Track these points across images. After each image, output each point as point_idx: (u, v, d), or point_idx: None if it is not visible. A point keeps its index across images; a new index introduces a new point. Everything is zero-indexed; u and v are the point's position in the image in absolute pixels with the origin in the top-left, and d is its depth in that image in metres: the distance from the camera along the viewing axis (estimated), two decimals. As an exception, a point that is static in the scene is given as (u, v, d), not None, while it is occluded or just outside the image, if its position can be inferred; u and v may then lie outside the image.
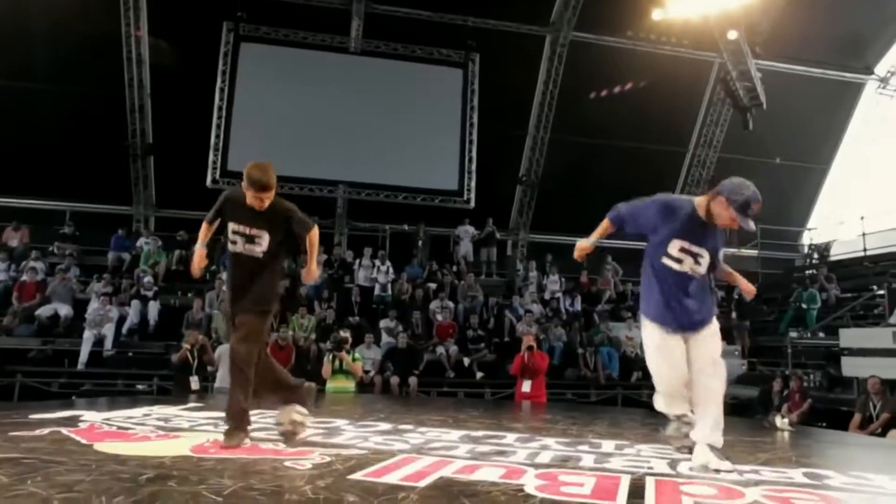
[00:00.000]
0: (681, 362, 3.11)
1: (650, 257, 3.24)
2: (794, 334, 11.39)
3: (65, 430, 3.45)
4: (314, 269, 3.65)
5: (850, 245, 16.35)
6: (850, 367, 8.74)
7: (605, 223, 3.38)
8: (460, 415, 5.05)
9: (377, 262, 12.52)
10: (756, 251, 16.49)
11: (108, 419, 3.95)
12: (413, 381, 9.25)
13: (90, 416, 4.02)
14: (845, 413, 7.60)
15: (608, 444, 3.66)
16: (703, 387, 3.10)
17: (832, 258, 16.62)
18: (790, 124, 16.49)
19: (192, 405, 5.04)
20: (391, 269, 12.49)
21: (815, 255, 17.22)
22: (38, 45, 13.27)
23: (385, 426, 4.13)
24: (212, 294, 10.67)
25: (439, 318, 11.21)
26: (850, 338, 9.17)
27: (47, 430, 3.43)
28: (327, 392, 7.19)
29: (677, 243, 3.11)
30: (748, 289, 3.62)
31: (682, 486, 2.55)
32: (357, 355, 7.98)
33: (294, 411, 3.44)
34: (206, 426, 3.85)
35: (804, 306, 12.09)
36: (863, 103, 17.49)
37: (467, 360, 10.46)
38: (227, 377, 6.91)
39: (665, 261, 3.14)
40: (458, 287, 12.52)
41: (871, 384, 7.06)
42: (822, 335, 11.09)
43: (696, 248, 3.10)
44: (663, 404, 3.19)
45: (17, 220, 12.61)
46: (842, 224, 17.02)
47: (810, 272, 14.30)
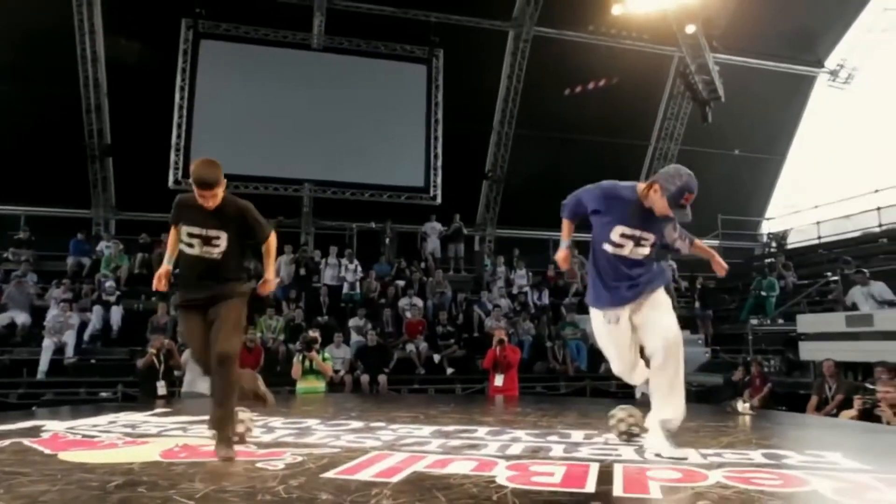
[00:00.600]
0: (626, 349, 3.30)
1: (594, 243, 3.28)
2: (754, 321, 11.72)
3: (26, 441, 3.36)
4: (271, 279, 3.47)
5: (806, 233, 16.92)
6: (807, 351, 9.05)
7: (564, 222, 3.46)
8: (431, 411, 5.08)
9: (345, 260, 12.46)
10: (717, 241, 16.91)
11: (71, 428, 3.87)
12: (383, 379, 9.25)
13: (53, 426, 3.92)
14: (803, 396, 7.86)
15: (577, 434, 3.74)
16: (654, 368, 3.18)
17: (789, 246, 17.13)
18: (748, 116, 16.95)
19: (159, 411, 4.97)
20: (359, 268, 12.44)
21: (773, 244, 17.73)
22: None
23: (356, 424, 4.14)
24: (175, 298, 10.46)
25: (408, 315, 11.21)
26: (806, 323, 9.48)
27: (8, 442, 3.33)
28: (298, 393, 7.15)
29: (619, 229, 3.13)
30: (720, 265, 3.53)
31: (648, 472, 2.62)
32: (327, 355, 7.95)
33: (239, 413, 3.33)
34: (174, 431, 3.80)
35: (763, 294, 12.43)
36: (815, 95, 18.08)
37: (437, 357, 10.49)
38: (195, 382, 6.87)
39: (606, 246, 3.19)
40: (426, 284, 12.54)
41: (826, 367, 7.32)
42: (781, 321, 11.43)
43: (638, 233, 3.13)
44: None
45: (-32, 226, 12.20)
46: (797, 213, 17.58)
47: (769, 260, 14.71)
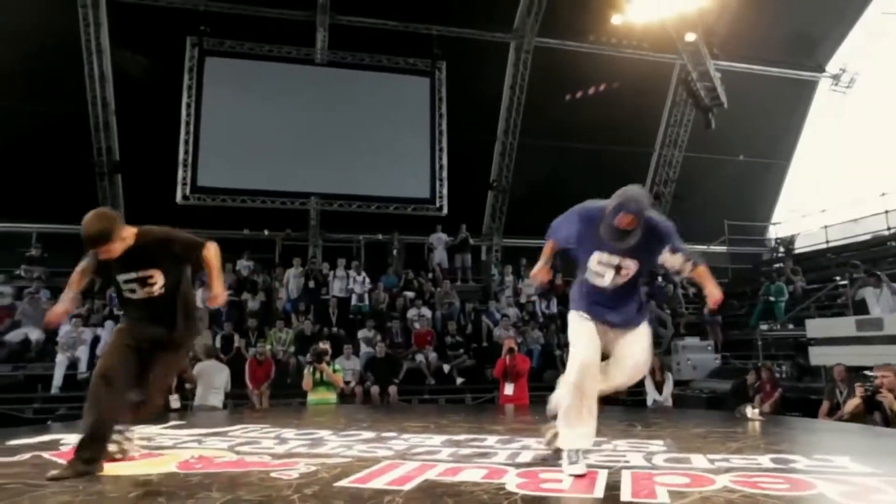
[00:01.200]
0: (596, 343, 2.98)
1: (579, 269, 3.11)
2: (764, 327, 11.70)
3: (46, 454, 3.44)
4: (218, 292, 3.28)
5: (813, 237, 16.89)
6: (817, 356, 9.02)
7: (548, 243, 3.20)
8: (442, 420, 5.12)
9: (352, 272, 12.54)
10: (724, 247, 16.91)
11: (89, 442, 3.93)
12: (393, 389, 9.28)
13: (71, 440, 3.98)
14: (815, 401, 7.82)
15: (586, 442, 3.76)
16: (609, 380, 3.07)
17: (797, 251, 17.10)
18: (751, 122, 16.97)
19: (173, 423, 5.03)
20: (367, 279, 12.52)
21: (781, 249, 17.69)
22: (-3, 64, 13.04)
23: (368, 434, 4.19)
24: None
25: (417, 326, 11.26)
26: (816, 328, 9.46)
27: (28, 455, 3.41)
28: (309, 404, 7.21)
29: (596, 256, 2.92)
30: (714, 296, 3.11)
31: (656, 477, 2.66)
32: (337, 366, 8.00)
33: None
34: (190, 443, 3.86)
35: (772, 299, 12.41)
36: (818, 100, 18.10)
37: (447, 367, 10.53)
38: (206, 395, 6.95)
39: (588, 276, 3.00)
40: (434, 294, 12.59)
41: (837, 372, 7.30)
42: (790, 327, 11.40)
43: (616, 259, 2.89)
44: (566, 419, 2.93)
45: (-20, 244, 12.36)
46: (804, 217, 17.55)
47: (777, 265, 14.69)
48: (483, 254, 16.24)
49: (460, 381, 10.39)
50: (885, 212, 14.30)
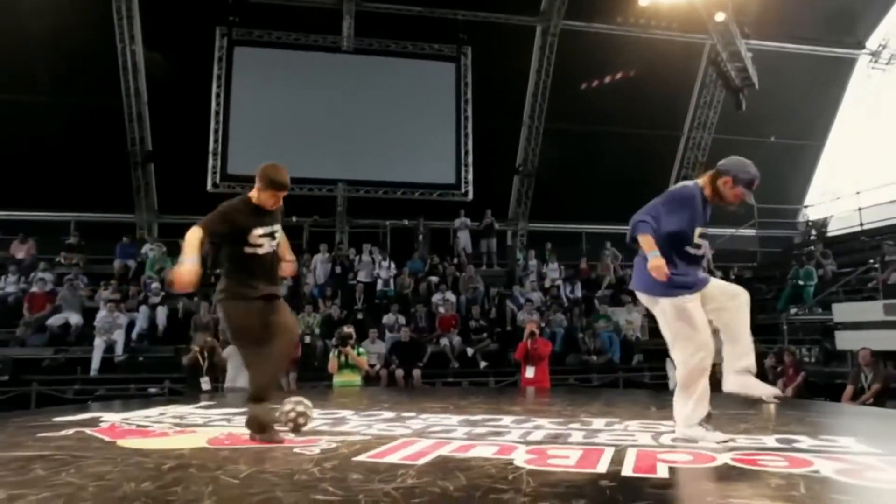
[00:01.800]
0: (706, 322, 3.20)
1: (669, 247, 3.20)
2: (792, 311, 11.57)
3: (88, 430, 3.68)
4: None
5: (847, 220, 16.52)
6: (844, 340, 8.93)
7: (648, 238, 3.15)
8: (462, 402, 5.26)
9: (378, 257, 12.74)
10: (754, 231, 16.67)
11: (126, 419, 4.19)
12: (417, 373, 9.48)
13: (109, 417, 4.25)
14: (840, 386, 7.79)
15: (599, 422, 3.87)
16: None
17: (830, 234, 16.77)
18: (783, 102, 16.60)
19: (204, 404, 5.27)
20: (393, 265, 12.71)
21: (813, 232, 17.37)
22: (36, 58, 13.45)
23: (388, 414, 4.35)
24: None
25: (441, 310, 11.43)
26: (843, 312, 9.35)
27: (72, 431, 3.66)
28: (334, 386, 7.42)
29: (698, 230, 3.27)
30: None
31: (660, 455, 2.76)
32: (362, 350, 8.19)
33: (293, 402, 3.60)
34: (219, 422, 4.08)
35: (801, 283, 12.25)
36: (855, 78, 17.59)
37: (470, 351, 10.69)
38: (237, 377, 7.20)
39: (688, 249, 3.26)
40: (459, 279, 12.73)
41: (862, 356, 7.26)
42: (819, 311, 11.26)
43: (704, 229, 3.34)
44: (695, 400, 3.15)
45: (22, 233, 12.85)
46: (838, 199, 17.17)
47: (808, 249, 14.45)
48: (508, 238, 16.30)
49: (484, 364, 10.54)
50: (922, 194, 13.95)
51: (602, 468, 2.51)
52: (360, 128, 14.83)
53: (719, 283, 3.37)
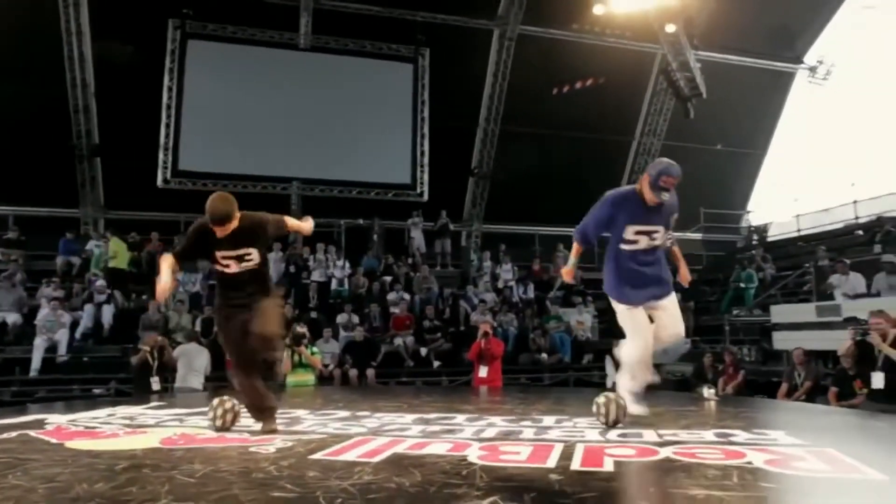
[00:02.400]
0: (646, 327, 3.71)
1: (611, 247, 3.68)
2: (734, 313, 12.06)
3: (32, 433, 3.58)
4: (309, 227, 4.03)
5: (786, 226, 17.34)
6: (780, 340, 9.38)
7: (575, 245, 3.85)
8: (415, 401, 5.33)
9: (332, 257, 12.67)
10: (700, 234, 17.28)
11: (73, 420, 4.09)
12: (371, 372, 9.49)
13: (55, 419, 4.14)
14: (777, 384, 8.18)
15: (549, 419, 4.00)
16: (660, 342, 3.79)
17: (770, 239, 17.53)
18: (729, 112, 17.28)
19: (154, 404, 5.18)
20: (347, 264, 12.67)
21: (755, 237, 18.11)
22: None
23: (343, 413, 4.38)
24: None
25: (396, 310, 11.45)
26: (779, 313, 9.82)
27: (15, 434, 3.55)
28: (287, 386, 7.37)
29: (631, 228, 3.54)
30: (684, 276, 4.14)
31: (606, 450, 2.89)
32: (315, 349, 8.17)
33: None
34: (171, 422, 4.03)
35: (742, 286, 12.78)
36: (794, 91, 18.46)
37: (424, 350, 10.75)
38: (187, 377, 7.09)
39: (623, 246, 3.59)
40: (413, 279, 12.78)
41: (796, 355, 7.64)
42: (758, 312, 11.77)
43: (647, 227, 3.57)
44: (632, 377, 3.77)
45: (-43, 227, 12.29)
46: (778, 206, 17.98)
47: (749, 253, 15.07)
48: (462, 239, 16.45)
49: (437, 364, 10.62)
50: (854, 202, 14.73)
51: (552, 463, 2.62)
52: (315, 126, 14.73)
53: (672, 315, 3.79)
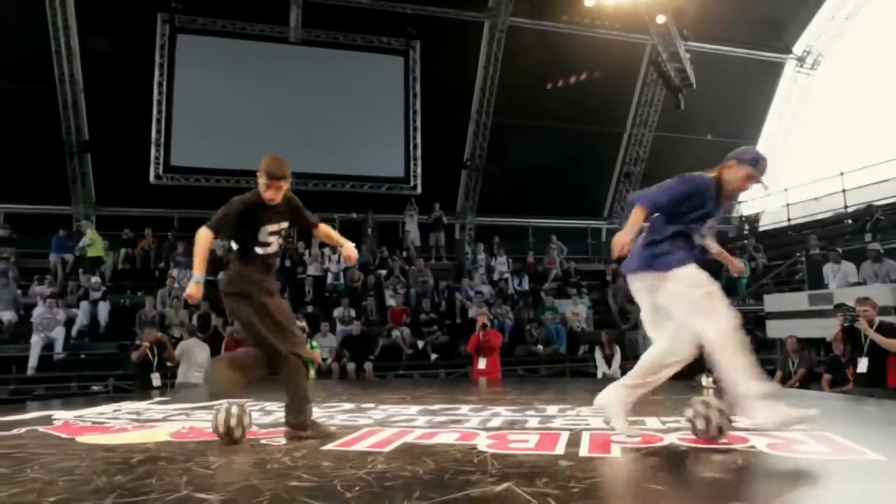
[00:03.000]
0: None
1: (674, 233, 3.09)
2: (728, 302, 12.18)
3: (41, 428, 3.60)
4: (349, 249, 3.94)
5: (777, 215, 17.50)
6: (774, 329, 9.50)
7: (639, 213, 3.01)
8: (417, 392, 5.38)
9: (328, 251, 12.69)
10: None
11: (80, 416, 4.11)
12: (369, 366, 9.54)
13: (61, 415, 4.15)
14: (770, 372, 8.29)
15: (552, 409, 4.06)
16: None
17: (761, 228, 17.69)
18: (719, 102, 17.39)
19: (157, 400, 5.20)
20: (342, 258, 12.67)
21: (746, 226, 18.27)
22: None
23: (348, 406, 4.43)
24: (163, 292, 10.65)
25: (392, 303, 11.50)
26: (773, 303, 9.94)
27: (24, 430, 3.56)
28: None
29: (710, 221, 3.15)
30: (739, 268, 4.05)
31: (612, 437, 2.95)
32: (314, 344, 8.21)
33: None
34: (178, 416, 4.06)
35: (735, 276, 12.89)
36: (784, 81, 18.58)
37: (421, 343, 10.81)
38: (188, 372, 7.11)
39: (693, 240, 3.13)
40: (408, 272, 12.82)
41: (789, 343, 7.77)
42: (751, 302, 11.90)
43: (714, 223, 3.20)
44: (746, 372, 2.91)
45: (-52, 225, 12.20)
46: (769, 196, 18.11)
47: (741, 243, 15.22)
48: (457, 232, 16.49)
49: (434, 356, 10.68)
50: (843, 190, 14.89)
51: (560, 450, 2.67)
52: (307, 120, 14.69)
53: None
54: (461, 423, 3.51)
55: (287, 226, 3.51)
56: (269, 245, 3.38)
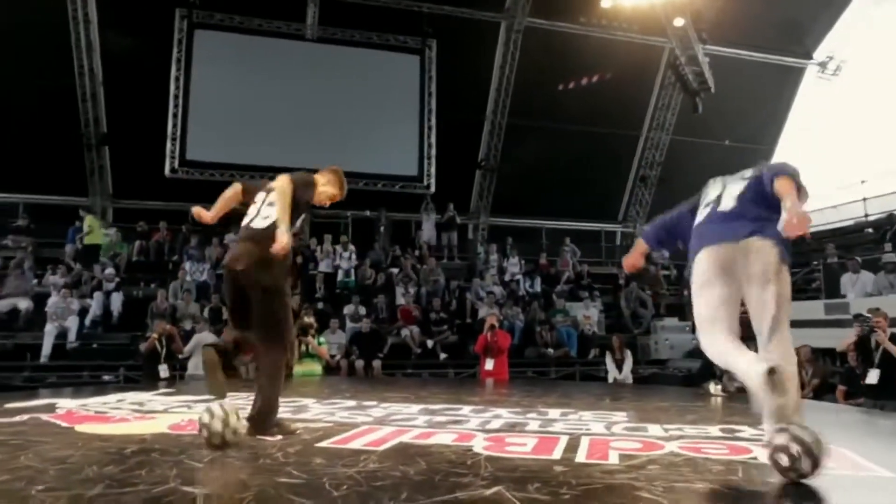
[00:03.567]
0: None
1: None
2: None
3: (44, 416, 3.63)
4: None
5: (794, 223, 17.21)
6: (788, 338, 9.34)
7: (641, 243, 3.11)
8: (422, 392, 5.36)
9: (339, 248, 12.71)
10: (707, 231, 17.19)
11: (84, 405, 4.14)
12: (377, 363, 9.52)
13: (65, 404, 4.19)
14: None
15: (555, 412, 4.01)
16: None
17: (778, 235, 17.42)
18: (738, 107, 17.17)
19: (163, 391, 5.23)
20: (354, 255, 12.70)
21: (763, 233, 18.00)
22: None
23: (350, 403, 4.41)
24: (175, 284, 10.72)
25: (402, 302, 11.48)
26: (787, 311, 9.77)
27: (27, 417, 3.60)
28: (295, 376, 7.41)
29: None
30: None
31: (612, 443, 2.90)
32: (322, 339, 8.21)
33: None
34: (179, 408, 4.07)
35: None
36: (804, 86, 18.31)
37: (430, 342, 10.77)
38: (199, 365, 7.14)
39: None
40: (420, 271, 12.80)
41: (803, 353, 7.60)
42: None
43: None
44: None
45: (-32, 214, 12.40)
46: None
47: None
48: (469, 232, 16.45)
49: (443, 356, 10.64)
50: (864, 199, 14.64)
51: (557, 455, 2.63)
52: (322, 117, 14.73)
53: None
54: (460, 424, 3.47)
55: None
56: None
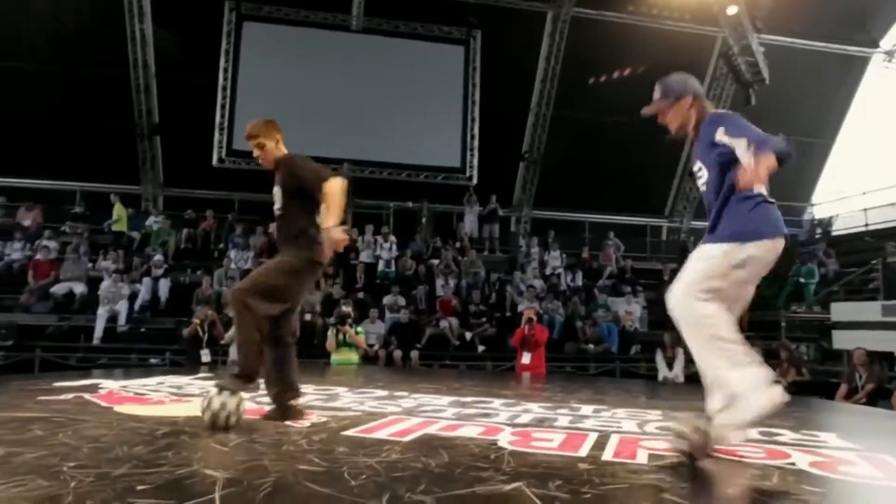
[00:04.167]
0: None
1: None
2: (792, 308, 11.60)
3: (87, 396, 3.77)
4: (328, 225, 3.07)
5: (853, 220, 16.51)
6: (841, 340, 8.97)
7: (771, 159, 2.29)
8: (455, 384, 5.34)
9: (381, 238, 12.79)
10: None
11: (125, 386, 4.27)
12: (415, 354, 9.56)
13: (108, 384, 4.34)
14: (836, 385, 7.84)
15: (587, 409, 3.93)
16: None
17: (835, 233, 16.74)
18: (794, 99, 16.50)
19: (202, 375, 5.36)
20: (395, 246, 12.76)
21: (818, 230, 17.34)
22: (43, 27, 13.50)
23: (381, 393, 4.43)
24: (220, 272, 10.99)
25: (442, 293, 11.48)
26: (841, 311, 9.39)
27: (71, 395, 3.75)
28: (332, 364, 7.52)
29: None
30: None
31: (642, 442, 2.81)
32: (360, 329, 8.29)
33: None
34: (215, 393, 4.14)
35: (802, 281, 12.28)
36: (868, 77, 17.45)
37: (469, 335, 10.75)
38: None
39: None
40: (460, 263, 12.77)
41: (857, 356, 7.30)
42: (817, 309, 11.29)
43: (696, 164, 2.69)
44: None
45: (29, 201, 12.95)
46: (844, 199, 17.11)
47: (811, 247, 14.45)
48: (511, 225, 16.33)
49: (482, 348, 10.61)
50: (928, 196, 13.90)
51: (583, 452, 2.57)
52: (366, 108, 14.84)
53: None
54: (489, 417, 3.44)
55: (280, 190, 3.35)
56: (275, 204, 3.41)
